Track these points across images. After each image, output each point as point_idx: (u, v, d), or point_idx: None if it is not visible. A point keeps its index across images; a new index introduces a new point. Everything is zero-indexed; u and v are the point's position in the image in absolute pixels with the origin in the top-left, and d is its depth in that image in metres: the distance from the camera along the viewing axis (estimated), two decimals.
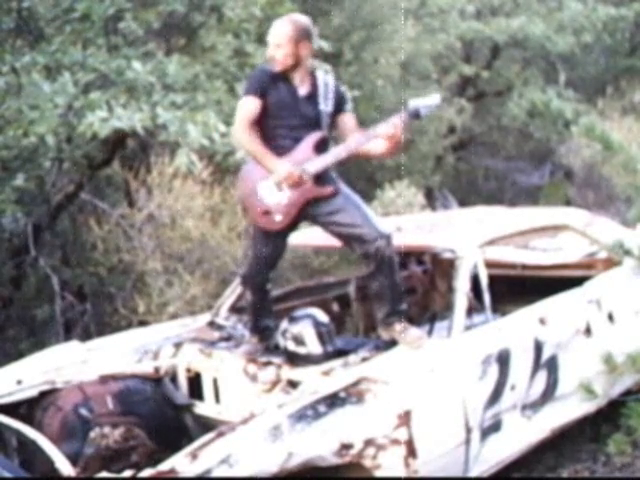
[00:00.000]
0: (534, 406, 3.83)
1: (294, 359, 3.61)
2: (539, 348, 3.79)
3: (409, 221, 4.66)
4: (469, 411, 3.43)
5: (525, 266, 5.12)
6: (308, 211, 3.60)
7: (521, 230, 4.23)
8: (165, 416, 3.81)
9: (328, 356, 3.58)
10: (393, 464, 3.12)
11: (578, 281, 4.31)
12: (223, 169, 5.87)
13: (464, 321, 3.62)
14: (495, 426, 3.60)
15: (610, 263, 4.56)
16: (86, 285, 6.36)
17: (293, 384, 3.49)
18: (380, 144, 3.57)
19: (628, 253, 2.94)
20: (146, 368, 3.97)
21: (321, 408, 3.08)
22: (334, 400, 3.14)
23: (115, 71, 5.18)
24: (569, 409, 3.96)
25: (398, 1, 9.58)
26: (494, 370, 3.56)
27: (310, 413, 3.05)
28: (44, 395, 3.70)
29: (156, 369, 3.97)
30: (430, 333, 4.09)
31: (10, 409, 3.61)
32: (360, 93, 6.99)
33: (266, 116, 3.56)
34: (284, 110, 3.56)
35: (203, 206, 5.97)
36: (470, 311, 3.69)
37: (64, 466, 3.01)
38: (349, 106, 3.72)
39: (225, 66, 6.03)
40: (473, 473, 3.50)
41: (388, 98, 9.39)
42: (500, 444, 3.63)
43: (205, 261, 5.91)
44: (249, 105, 3.55)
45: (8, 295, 6.14)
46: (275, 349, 3.75)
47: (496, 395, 3.58)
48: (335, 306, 4.64)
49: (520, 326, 3.81)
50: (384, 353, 3.50)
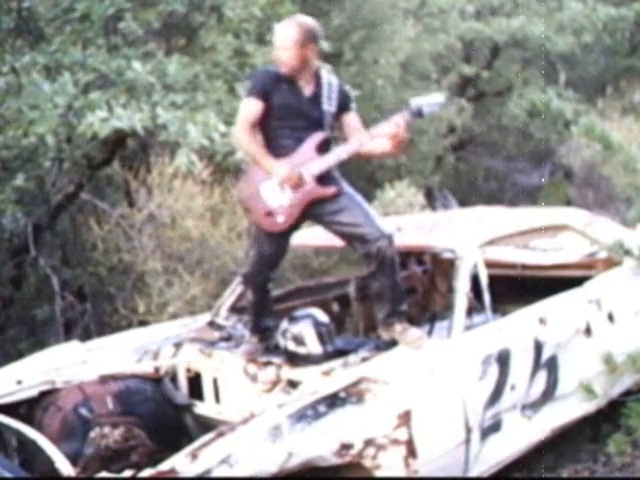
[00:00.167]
0: (534, 406, 3.83)
1: (294, 359, 3.61)
2: (539, 348, 3.79)
3: (409, 221, 4.65)
4: (469, 411, 3.43)
5: (525, 266, 5.12)
6: (311, 211, 3.59)
7: (521, 230, 4.23)
8: (165, 416, 3.81)
9: (328, 356, 3.58)
10: (393, 464, 3.12)
11: (578, 281, 4.31)
12: (223, 169, 5.87)
13: (464, 321, 3.61)
14: (495, 426, 3.60)
15: (610, 263, 4.55)
16: (86, 285, 6.37)
17: (293, 384, 3.49)
18: (383, 143, 3.57)
19: (628, 253, 2.94)
20: (146, 368, 3.97)
21: (321, 408, 3.08)
22: (334, 400, 3.13)
23: (115, 71, 5.17)
24: (569, 409, 3.96)
25: (398, 1, 9.59)
26: (494, 370, 3.56)
27: (310, 413, 3.05)
28: (44, 395, 3.71)
29: (156, 369, 3.98)
30: (430, 333, 4.08)
31: (10, 409, 3.61)
32: (360, 93, 6.96)
33: (269, 117, 3.55)
34: (288, 111, 3.55)
35: (203, 206, 5.97)
36: (470, 311, 3.68)
37: (64, 466, 3.01)
38: (353, 105, 3.71)
39: (225, 66, 6.02)
40: (473, 473, 3.50)
41: (388, 98, 9.39)
42: (500, 444, 3.63)
43: (205, 261, 5.91)
44: (250, 107, 3.54)
45: (8, 295, 6.15)
46: (275, 349, 3.75)
47: (496, 395, 3.58)
48: (335, 306, 4.64)
49: (520, 326, 3.80)
50: (384, 353, 3.50)
